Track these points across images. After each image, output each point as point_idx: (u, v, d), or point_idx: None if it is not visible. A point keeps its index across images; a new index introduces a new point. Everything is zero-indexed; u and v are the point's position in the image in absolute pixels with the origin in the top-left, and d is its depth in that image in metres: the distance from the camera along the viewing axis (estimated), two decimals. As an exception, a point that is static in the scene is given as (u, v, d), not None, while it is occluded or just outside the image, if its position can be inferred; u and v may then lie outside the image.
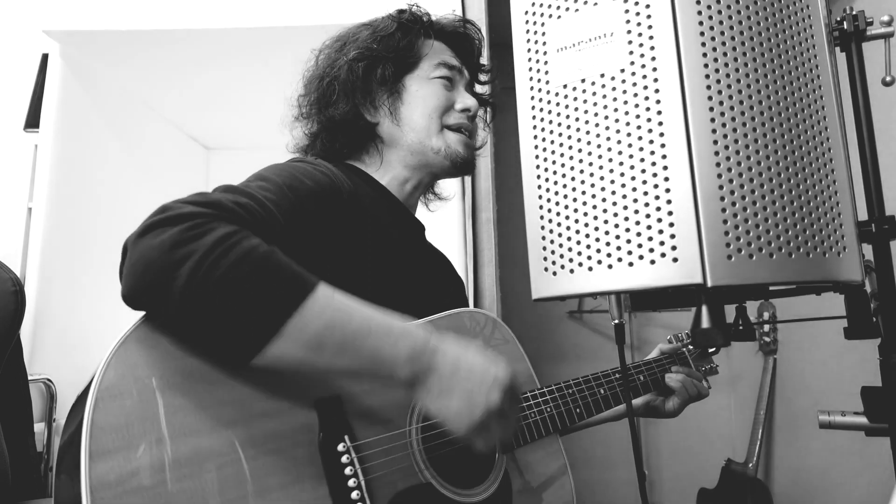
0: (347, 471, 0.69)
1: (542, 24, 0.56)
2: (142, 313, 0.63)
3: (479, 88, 1.11)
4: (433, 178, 1.03)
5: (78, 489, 0.54)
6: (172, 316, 0.60)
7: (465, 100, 0.98)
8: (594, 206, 0.51)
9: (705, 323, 0.52)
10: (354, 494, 0.68)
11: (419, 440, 0.77)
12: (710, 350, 1.20)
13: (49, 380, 1.52)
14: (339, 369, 0.65)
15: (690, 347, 1.18)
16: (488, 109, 1.14)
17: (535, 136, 0.56)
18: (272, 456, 0.65)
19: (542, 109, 0.56)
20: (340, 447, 0.69)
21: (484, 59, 1.10)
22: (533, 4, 0.57)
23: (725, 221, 0.47)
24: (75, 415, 0.60)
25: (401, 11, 0.99)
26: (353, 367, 0.65)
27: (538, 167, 0.56)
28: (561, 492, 0.91)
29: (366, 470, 0.70)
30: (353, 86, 0.94)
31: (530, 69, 0.57)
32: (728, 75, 0.49)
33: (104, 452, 0.56)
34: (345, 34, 1.00)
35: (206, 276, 0.58)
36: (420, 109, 0.95)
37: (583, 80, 0.53)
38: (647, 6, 0.50)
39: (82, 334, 1.69)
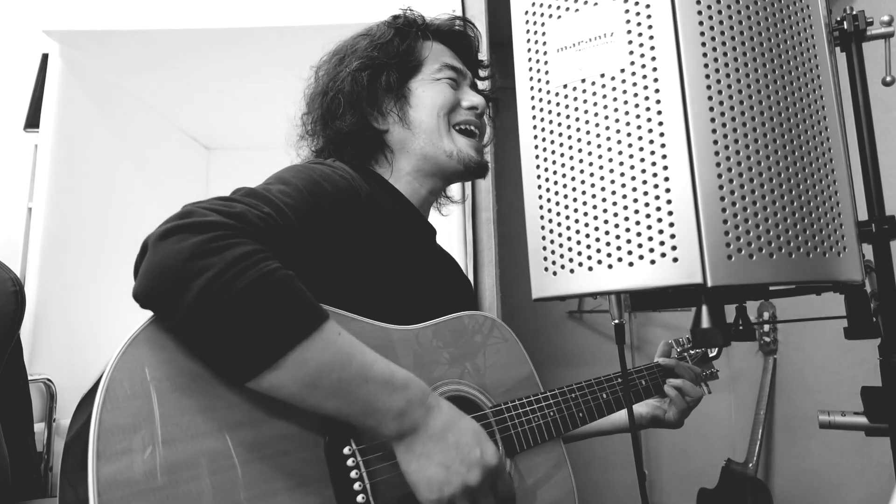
0: (353, 474, 0.68)
1: (542, 24, 0.56)
2: (149, 313, 0.63)
3: (479, 85, 1.11)
4: (446, 183, 1.02)
5: (85, 490, 0.54)
6: (178, 325, 0.60)
7: (471, 98, 0.98)
8: (594, 206, 0.51)
9: (705, 323, 0.52)
10: (360, 498, 0.68)
11: None
12: (711, 355, 1.20)
13: (49, 380, 1.52)
14: (327, 410, 0.64)
15: (691, 352, 1.18)
16: (491, 105, 1.14)
17: (535, 136, 0.56)
18: (278, 459, 0.65)
19: (542, 109, 0.56)
20: (346, 450, 0.69)
21: (482, 55, 1.10)
22: (533, 4, 0.57)
23: (725, 221, 0.47)
24: (81, 414, 0.60)
25: (395, 17, 0.99)
26: (341, 411, 0.64)
27: (538, 167, 0.56)
28: (563, 494, 0.91)
29: (371, 473, 0.70)
30: (358, 96, 0.93)
31: (530, 69, 0.57)
32: (728, 75, 0.49)
33: (112, 453, 0.56)
34: (341, 47, 0.99)
35: (218, 293, 0.57)
36: (428, 109, 0.95)
37: (583, 80, 0.53)
38: (647, 6, 0.50)
39: (82, 334, 1.69)
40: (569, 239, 0.53)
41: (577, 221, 0.52)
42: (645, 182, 0.49)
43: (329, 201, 0.76)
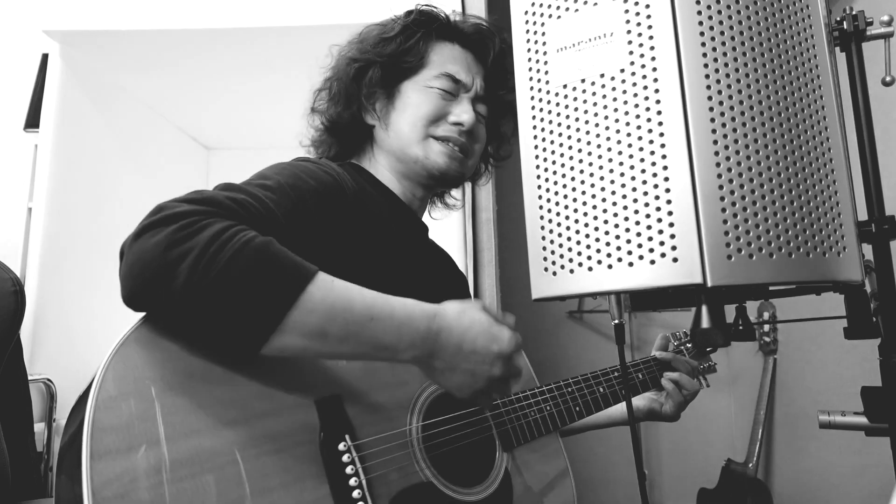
0: (348, 470, 0.69)
1: (542, 24, 0.56)
2: (141, 314, 0.63)
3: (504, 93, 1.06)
4: (426, 188, 0.99)
5: (79, 489, 0.54)
6: (174, 315, 0.60)
7: (460, 113, 0.93)
8: (594, 206, 0.51)
9: (705, 323, 0.52)
10: (356, 493, 0.68)
11: (420, 439, 0.77)
12: (708, 348, 1.20)
13: (49, 380, 1.52)
14: (342, 355, 0.67)
15: (689, 345, 1.18)
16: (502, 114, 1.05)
17: (535, 136, 0.56)
18: (273, 455, 0.65)
19: (542, 109, 0.56)
20: (341, 446, 0.69)
21: (502, 62, 1.02)
22: (533, 4, 0.57)
23: (725, 221, 0.47)
24: (76, 415, 0.60)
25: (409, 12, 0.97)
26: (356, 352, 0.66)
27: (538, 167, 0.56)
28: (562, 490, 0.91)
29: (367, 469, 0.70)
30: (348, 87, 0.95)
31: (530, 69, 0.57)
32: (728, 75, 0.49)
33: (105, 453, 0.56)
34: (362, 32, 1.00)
35: (204, 272, 0.58)
36: (407, 117, 0.93)
37: (583, 80, 0.53)
38: (647, 6, 0.50)
39: (82, 334, 1.69)
40: (569, 239, 0.53)
41: (577, 221, 0.52)
42: (645, 182, 0.49)
43: (311, 195, 0.76)
